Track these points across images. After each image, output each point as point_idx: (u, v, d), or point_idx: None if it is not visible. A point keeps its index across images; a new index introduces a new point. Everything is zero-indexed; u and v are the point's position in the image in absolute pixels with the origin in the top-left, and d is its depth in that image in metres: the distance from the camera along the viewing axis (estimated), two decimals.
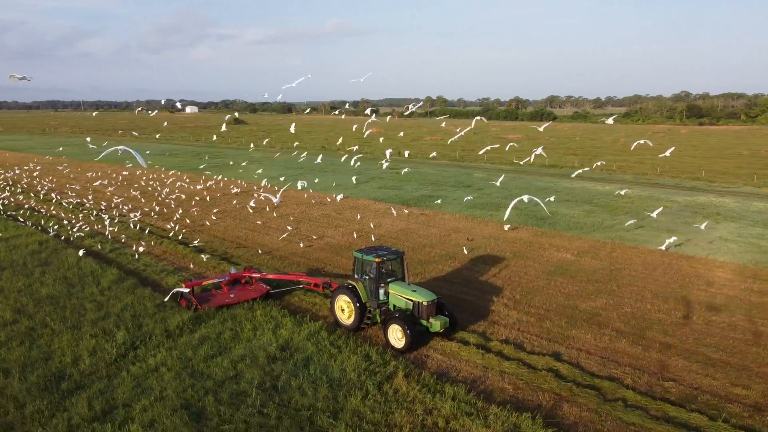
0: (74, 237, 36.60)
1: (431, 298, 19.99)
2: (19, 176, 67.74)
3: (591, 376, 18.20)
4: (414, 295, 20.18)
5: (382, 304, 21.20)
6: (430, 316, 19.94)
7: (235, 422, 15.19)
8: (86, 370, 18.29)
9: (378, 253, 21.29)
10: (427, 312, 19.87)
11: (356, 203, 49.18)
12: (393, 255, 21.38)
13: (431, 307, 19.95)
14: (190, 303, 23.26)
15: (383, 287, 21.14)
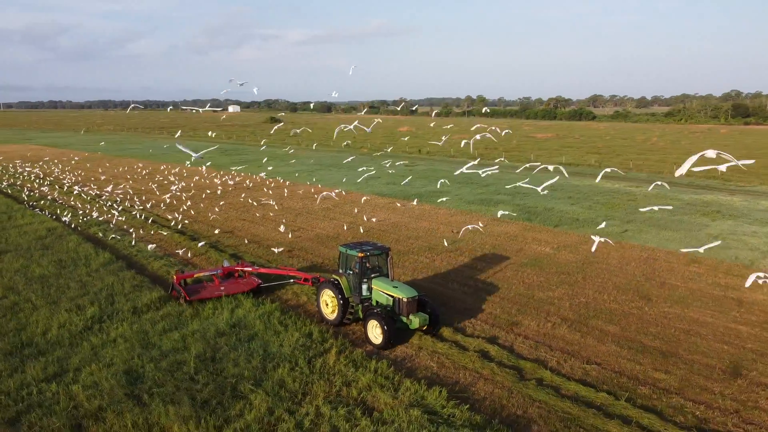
0: (82, 225, 38.93)
1: (411, 295, 19.66)
2: (51, 170, 71.46)
3: (517, 358, 18.90)
4: (395, 292, 19.87)
5: (365, 299, 20.86)
6: (411, 313, 19.60)
7: (166, 386, 16.56)
8: (52, 340, 20.02)
9: (362, 248, 20.97)
10: (408, 309, 19.53)
11: (358, 198, 50.36)
12: (377, 250, 21.05)
13: (411, 304, 19.60)
14: (180, 294, 23.62)
15: (366, 282, 20.86)
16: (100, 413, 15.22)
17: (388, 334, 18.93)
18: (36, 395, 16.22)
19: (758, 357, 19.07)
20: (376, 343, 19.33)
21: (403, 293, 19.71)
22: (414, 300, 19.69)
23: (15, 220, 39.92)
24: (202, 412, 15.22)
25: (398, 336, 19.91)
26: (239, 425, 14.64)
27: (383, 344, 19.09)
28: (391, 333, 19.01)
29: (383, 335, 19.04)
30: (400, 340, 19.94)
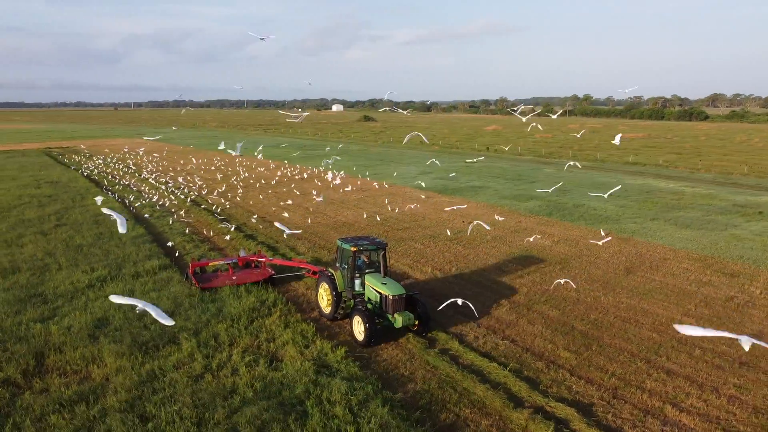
0: (137, 206, 44.02)
1: (398, 293, 18.99)
2: (140, 160, 79.41)
3: (437, 331, 20.29)
4: (382, 288, 19.29)
5: (358, 294, 20.46)
6: (396, 311, 18.96)
7: (122, 330, 19.72)
8: (58, 293, 23.94)
9: (357, 242, 20.55)
10: (393, 306, 18.90)
11: (397, 190, 52.38)
12: (372, 245, 20.46)
13: (397, 302, 18.94)
14: (190, 281, 24.53)
15: (359, 278, 20.48)
16: (61, 346, 18.56)
17: (369, 331, 18.33)
18: (23, 331, 19.89)
19: (679, 345, 19.23)
20: (359, 339, 18.81)
21: (389, 290, 19.06)
22: (400, 298, 18.97)
23: (84, 200, 45.81)
24: (137, 351, 18.13)
25: (388, 334, 19.59)
26: (159, 363, 17.39)
27: (364, 342, 18.52)
28: (371, 331, 18.37)
29: (364, 333, 18.48)
30: (388, 338, 19.46)
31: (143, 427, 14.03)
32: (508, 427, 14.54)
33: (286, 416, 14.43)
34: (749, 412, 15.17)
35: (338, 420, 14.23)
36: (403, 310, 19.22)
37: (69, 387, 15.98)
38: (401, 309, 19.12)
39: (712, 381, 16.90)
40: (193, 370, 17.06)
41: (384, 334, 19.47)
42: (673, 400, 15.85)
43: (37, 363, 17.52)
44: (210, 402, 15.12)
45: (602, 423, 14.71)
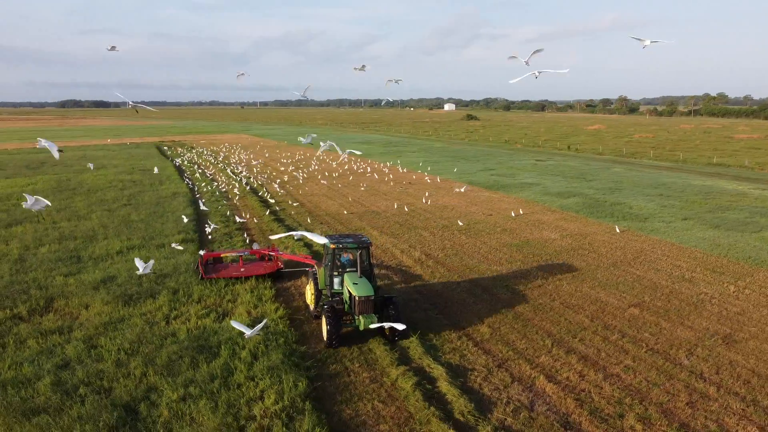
0: (203, 192, 49.35)
1: (365, 294, 18.12)
2: (231, 152, 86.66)
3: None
4: (353, 288, 18.44)
5: (337, 293, 19.73)
6: (362, 313, 18.15)
7: (121, 284, 23.72)
8: (92, 256, 28.66)
9: (339, 240, 20.05)
10: (360, 308, 18.11)
11: (445, 184, 54.01)
12: (353, 244, 19.68)
13: (364, 304, 18.11)
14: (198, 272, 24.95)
15: (338, 276, 19.86)
16: (68, 295, 22.82)
17: (329, 332, 17.84)
18: (47, 281, 24.51)
19: (603, 331, 19.91)
20: (324, 339, 18.32)
21: (358, 291, 18.22)
22: (367, 299, 18.11)
23: (160, 186, 51.95)
24: (121, 301, 21.94)
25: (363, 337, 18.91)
26: (132, 311, 21.04)
27: (326, 343, 18.06)
28: (331, 332, 17.84)
29: (326, 333, 18.05)
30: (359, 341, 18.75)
31: (87, 352, 17.56)
32: (381, 380, 16.46)
33: (199, 354, 17.35)
34: (619, 390, 15.87)
35: (238, 360, 16.92)
36: (371, 312, 18.26)
37: (55, 323, 19.96)
38: (368, 311, 18.18)
39: (606, 361, 17.64)
40: (153, 317, 20.50)
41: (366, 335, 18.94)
42: (550, 373, 16.91)
43: (45, 305, 21.80)
44: (148, 340, 18.41)
45: (466, 385, 16.18)
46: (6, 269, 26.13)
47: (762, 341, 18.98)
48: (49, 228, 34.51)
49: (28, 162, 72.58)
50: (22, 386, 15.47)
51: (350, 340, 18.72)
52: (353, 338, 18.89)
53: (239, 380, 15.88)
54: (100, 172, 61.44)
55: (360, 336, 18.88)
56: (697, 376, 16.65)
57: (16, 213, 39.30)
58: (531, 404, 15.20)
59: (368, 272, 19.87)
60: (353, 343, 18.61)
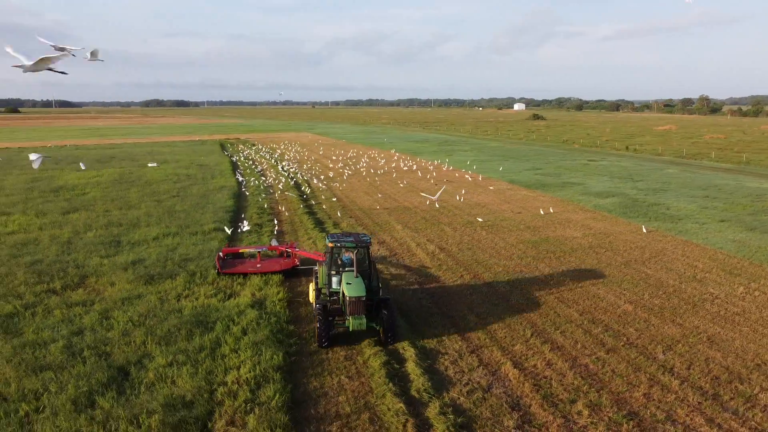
0: (249, 186, 51.96)
1: (356, 295, 17.91)
2: (286, 149, 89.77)
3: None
4: (346, 288, 18.31)
5: (335, 292, 19.43)
6: (353, 314, 17.94)
7: (148, 265, 25.97)
8: (131, 241, 31.26)
9: (339, 239, 19.90)
10: (351, 308, 17.91)
11: (485, 182, 54.29)
12: (351, 243, 19.48)
13: (354, 304, 17.88)
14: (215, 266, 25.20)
15: (337, 275, 19.62)
16: (100, 274, 25.21)
17: (319, 332, 17.79)
18: (85, 262, 27.09)
19: (586, 324, 20.23)
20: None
21: (349, 291, 18.05)
22: (358, 300, 17.87)
23: (212, 179, 55.00)
24: (144, 281, 24.10)
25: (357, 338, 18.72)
26: (150, 289, 23.10)
27: (317, 343, 17.99)
28: (320, 332, 17.74)
29: (316, 333, 18.08)
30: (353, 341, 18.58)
31: (100, 322, 19.64)
32: (355, 358, 17.58)
33: (196, 328, 19.06)
34: (581, 379, 16.29)
35: (229, 335, 18.51)
36: (362, 313, 18.00)
37: (81, 297, 22.27)
38: (359, 312, 17.93)
39: (579, 351, 18.01)
40: (167, 295, 22.46)
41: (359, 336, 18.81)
42: (518, 360, 17.52)
43: (78, 282, 24.24)
44: (155, 314, 20.33)
45: (432, 366, 17.04)
46: (54, 250, 28.98)
47: (749, 341, 18.78)
48: (100, 215, 37.65)
49: (100, 157, 78.10)
50: (38, 347, 17.62)
51: (343, 341, 18.58)
52: (347, 338, 18.72)
53: (224, 352, 17.42)
54: (162, 166, 65.45)
55: (354, 336, 18.69)
56: (665, 370, 16.80)
57: (76, 202, 42.94)
58: (489, 386, 15.91)
59: (367, 272, 19.58)
60: (347, 342, 18.44)
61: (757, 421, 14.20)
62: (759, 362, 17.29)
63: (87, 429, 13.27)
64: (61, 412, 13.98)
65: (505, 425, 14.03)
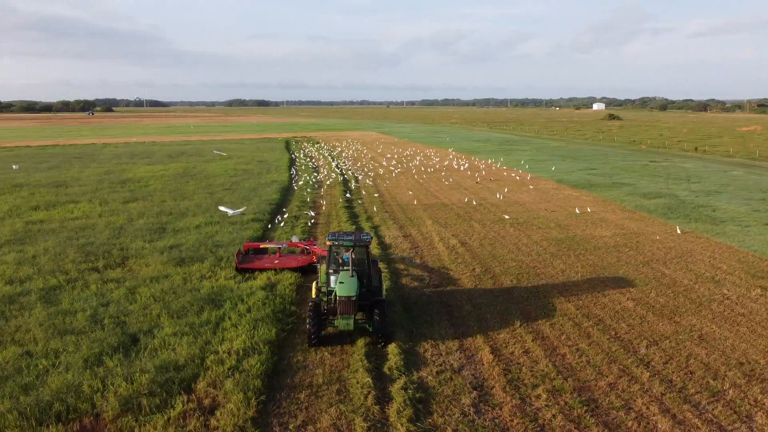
0: (300, 181, 54.32)
1: (345, 294, 17.69)
2: (347, 147, 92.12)
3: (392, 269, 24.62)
4: (338, 287, 18.09)
5: (331, 291, 18.91)
6: (343, 313, 17.76)
7: (182, 250, 28.31)
8: (175, 229, 33.84)
9: (337, 237, 19.65)
10: (341, 308, 17.73)
11: (531, 182, 54.14)
12: (349, 242, 19.24)
13: (344, 304, 17.69)
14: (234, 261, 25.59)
15: (334, 274, 19.32)
16: (139, 256, 27.71)
17: (308, 331, 17.77)
18: (130, 245, 29.78)
19: (579, 317, 20.59)
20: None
21: (340, 290, 17.86)
22: (348, 300, 17.66)
23: (266, 174, 57.82)
24: (175, 262, 26.38)
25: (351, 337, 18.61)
26: (178, 270, 25.28)
27: (307, 342, 17.96)
28: (311, 331, 17.67)
29: (307, 332, 18.05)
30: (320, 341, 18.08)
31: (126, 297, 21.89)
32: (345, 337, 18.83)
33: (208, 305, 20.92)
34: (552, 366, 16.79)
35: (235, 312, 20.22)
36: (352, 313, 17.81)
37: (117, 275, 24.74)
38: (348, 312, 17.73)
39: (561, 342, 18.43)
40: (191, 276, 24.54)
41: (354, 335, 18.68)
42: (498, 347, 18.19)
43: (118, 262, 26.81)
44: (176, 291, 22.40)
45: (413, 349, 17.98)
46: (106, 234, 31.98)
47: (742, 341, 18.58)
48: (155, 205, 40.80)
49: (170, 152, 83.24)
50: (68, 315, 20.00)
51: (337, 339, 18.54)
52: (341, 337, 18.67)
53: (226, 326, 19.13)
54: (223, 161, 69.17)
55: (348, 336, 18.61)
56: (641, 363, 17.02)
57: (138, 192, 46.57)
58: (460, 368, 16.74)
59: (366, 272, 19.33)
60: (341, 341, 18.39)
61: (714, 414, 14.31)
62: (743, 361, 17.15)
63: (88, 382, 15.20)
64: (72, 368, 16.04)
65: (461, 402, 14.85)
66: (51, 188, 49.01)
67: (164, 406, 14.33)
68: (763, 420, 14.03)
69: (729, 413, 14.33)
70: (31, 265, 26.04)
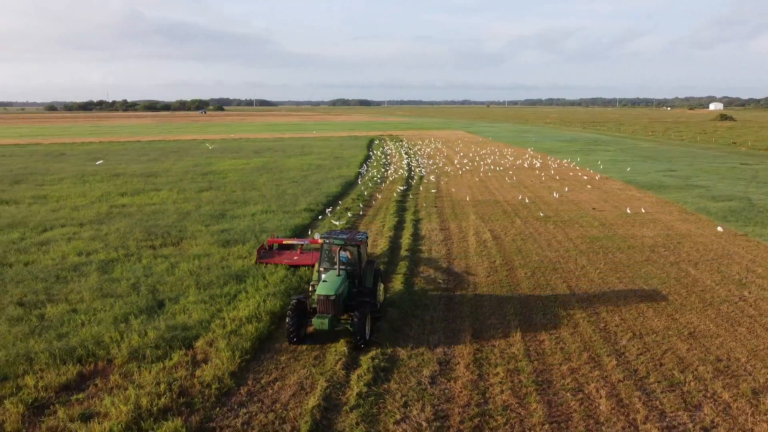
0: (366, 178, 56.67)
1: (323, 293, 17.61)
2: (424, 146, 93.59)
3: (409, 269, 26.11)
4: (319, 285, 18.17)
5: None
6: (321, 312, 17.64)
7: (230, 234, 31.28)
8: (233, 215, 37.06)
9: (329, 236, 19.82)
10: (318, 306, 17.67)
11: (597, 182, 53.16)
12: (339, 240, 19.17)
13: (323, 303, 17.58)
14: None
15: (324, 272, 19.26)
16: (194, 237, 30.95)
17: (287, 329, 17.71)
18: (188, 228, 33.17)
19: (559, 308, 21.12)
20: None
21: (319, 288, 17.90)
22: (326, 299, 17.53)
23: (337, 169, 60.65)
24: (220, 244, 29.29)
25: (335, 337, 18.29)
26: (219, 251, 28.13)
27: (287, 339, 17.86)
28: (289, 328, 17.56)
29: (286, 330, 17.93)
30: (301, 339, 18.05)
31: (168, 270, 24.84)
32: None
33: (232, 280, 23.40)
34: (523, 353, 17.62)
35: (253, 287, 22.54)
36: (329, 313, 17.63)
37: (168, 252, 27.95)
38: (325, 311, 17.60)
39: (545, 330, 19.12)
40: (228, 256, 27.19)
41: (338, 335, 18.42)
42: (480, 330, 19.21)
43: (174, 242, 30.09)
44: (210, 267, 25.11)
45: (401, 327, 19.43)
46: (173, 219, 35.69)
47: (735, 340, 18.40)
48: (224, 194, 44.57)
49: (258, 148, 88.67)
50: (114, 282, 23.21)
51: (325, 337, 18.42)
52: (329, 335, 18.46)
53: (241, 298, 21.47)
54: (302, 158, 73.03)
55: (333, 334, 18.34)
56: (615, 353, 17.42)
57: (214, 183, 50.82)
58: (434, 346, 17.94)
59: (358, 272, 19.34)
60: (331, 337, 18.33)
61: (662, 401, 14.64)
62: (722, 357, 17.10)
63: (110, 334, 17.99)
64: (102, 323, 18.96)
65: (421, 374, 16.13)
66: (142, 178, 54.45)
67: (164, 357, 16.75)
68: (710, 410, 14.22)
69: (678, 402, 14.61)
70: (101, 241, 29.91)
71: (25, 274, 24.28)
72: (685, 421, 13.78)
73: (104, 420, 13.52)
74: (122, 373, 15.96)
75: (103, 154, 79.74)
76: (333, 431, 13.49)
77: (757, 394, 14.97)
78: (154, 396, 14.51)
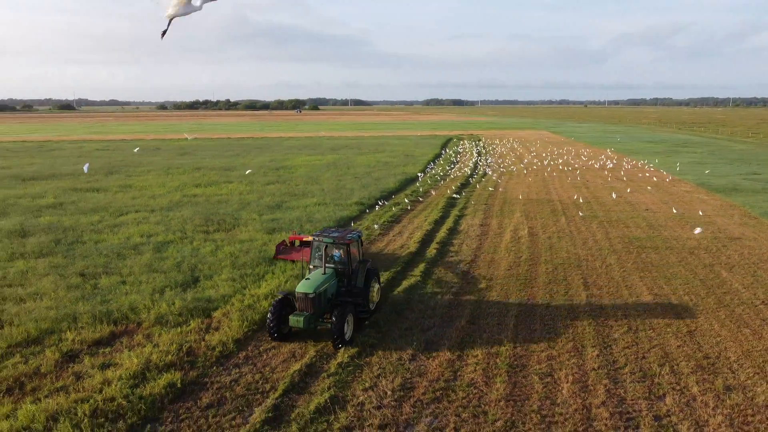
0: (430, 173, 57.94)
1: (301, 291, 17.75)
2: (498, 146, 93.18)
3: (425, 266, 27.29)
4: (300, 283, 18.34)
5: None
6: (299, 310, 17.80)
7: (279, 222, 33.73)
8: (288, 206, 39.61)
9: (320, 234, 19.92)
10: (298, 304, 17.82)
11: (665, 184, 51.44)
12: (329, 239, 19.19)
13: (302, 301, 17.70)
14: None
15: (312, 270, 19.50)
16: (246, 223, 33.68)
17: (268, 324, 17.75)
18: (245, 216, 35.96)
19: (558, 304, 21.55)
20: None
21: (299, 286, 18.06)
22: (305, 296, 17.64)
23: (401, 167, 62.15)
24: (265, 231, 31.76)
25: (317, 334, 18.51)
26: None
27: (269, 335, 17.94)
28: (270, 325, 17.68)
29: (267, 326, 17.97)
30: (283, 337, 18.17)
31: (212, 251, 27.45)
32: None
33: (263, 263, 25.57)
34: (507, 338, 18.41)
35: (280, 270, 24.63)
36: (308, 311, 17.66)
37: (219, 236, 30.68)
38: (303, 308, 17.70)
39: (541, 320, 19.80)
40: (267, 241, 29.46)
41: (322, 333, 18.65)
42: (473, 317, 20.15)
43: (226, 228, 32.81)
44: (249, 251, 27.46)
45: (398, 311, 20.78)
46: (232, 207, 38.74)
47: (732, 339, 18.23)
48: (288, 188, 47.36)
49: (335, 146, 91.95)
50: (162, 260, 26.02)
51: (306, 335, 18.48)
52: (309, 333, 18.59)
53: (267, 278, 23.59)
54: (373, 155, 75.27)
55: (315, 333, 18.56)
56: (600, 345, 17.82)
57: (282, 177, 53.96)
58: (427, 329, 19.14)
59: (347, 271, 19.40)
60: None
61: (625, 389, 15.07)
62: (711, 355, 17.09)
63: (144, 303, 20.60)
64: (142, 293, 21.65)
65: (404, 351, 17.40)
66: (220, 171, 58.62)
67: (183, 323, 19.06)
68: (672, 401, 14.52)
69: (642, 392, 14.99)
70: (164, 225, 33.23)
71: (92, 250, 27.67)
72: (640, 409, 14.20)
73: (118, 369, 15.85)
74: (146, 334, 18.37)
75: (193, 149, 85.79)
76: (306, 392, 15.06)
77: (729, 391, 15.01)
78: (164, 353, 16.74)
